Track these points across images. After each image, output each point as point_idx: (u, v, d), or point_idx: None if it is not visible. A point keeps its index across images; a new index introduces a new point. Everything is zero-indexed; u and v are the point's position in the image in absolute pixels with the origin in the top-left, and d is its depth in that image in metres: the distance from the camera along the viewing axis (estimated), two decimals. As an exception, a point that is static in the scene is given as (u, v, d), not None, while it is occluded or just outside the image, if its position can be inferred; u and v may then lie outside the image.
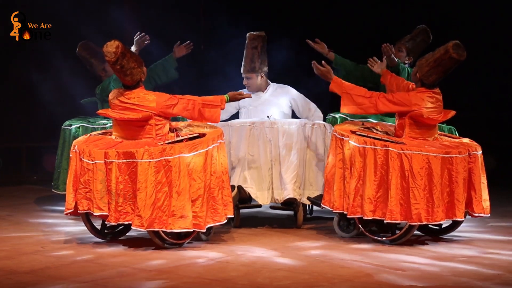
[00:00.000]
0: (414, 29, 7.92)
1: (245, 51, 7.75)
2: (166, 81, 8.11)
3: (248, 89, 7.75)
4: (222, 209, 6.28)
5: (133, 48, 7.72)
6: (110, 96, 6.42)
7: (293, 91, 7.82)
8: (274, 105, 7.72)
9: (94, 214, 6.13)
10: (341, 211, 6.49)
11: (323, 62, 6.85)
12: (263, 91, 7.79)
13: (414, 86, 6.60)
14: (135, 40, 7.82)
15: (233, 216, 6.49)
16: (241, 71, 7.77)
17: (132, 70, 6.28)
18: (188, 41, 8.09)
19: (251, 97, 7.25)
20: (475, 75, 10.12)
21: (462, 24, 10.14)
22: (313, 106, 7.80)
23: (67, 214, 6.29)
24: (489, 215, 6.53)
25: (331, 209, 6.57)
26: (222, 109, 6.62)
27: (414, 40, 7.83)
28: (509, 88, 10.50)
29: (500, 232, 6.99)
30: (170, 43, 8.20)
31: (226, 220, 6.34)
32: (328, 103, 7.94)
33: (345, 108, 6.67)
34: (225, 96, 6.67)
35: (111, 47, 6.20)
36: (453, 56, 6.34)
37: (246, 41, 7.75)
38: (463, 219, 6.46)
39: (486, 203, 6.48)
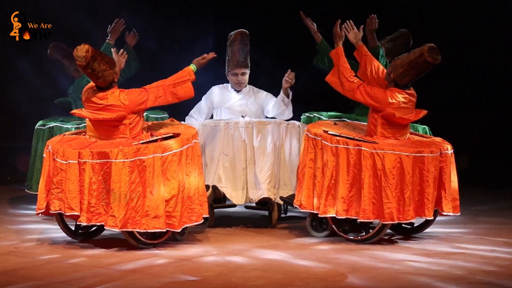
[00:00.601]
0: (396, 32, 7.94)
1: (237, 47, 7.59)
2: (131, 74, 8.09)
3: (237, 86, 7.66)
4: (198, 208, 6.29)
5: (109, 38, 7.75)
6: (83, 95, 6.40)
7: (264, 94, 7.80)
8: (249, 105, 7.70)
9: (66, 214, 6.12)
10: (309, 211, 6.53)
11: (344, 25, 6.78)
12: (239, 91, 7.76)
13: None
14: (109, 31, 7.85)
15: (208, 215, 6.50)
16: (233, 66, 7.60)
17: (104, 73, 6.25)
18: (133, 29, 8.11)
19: (216, 56, 7.06)
20: (448, 75, 10.21)
21: (439, 24, 10.23)
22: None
23: (38, 214, 6.28)
24: (459, 214, 6.59)
25: (299, 208, 6.60)
26: (193, 80, 6.60)
27: (394, 42, 7.85)
28: (481, 88, 10.60)
29: (472, 232, 7.03)
30: (145, 44, 8.19)
31: (202, 220, 6.35)
32: (302, 102, 7.96)
33: (330, 78, 6.71)
34: (191, 66, 6.67)
35: (81, 51, 6.18)
36: (427, 59, 6.36)
37: (238, 38, 7.60)
38: (432, 217, 6.50)
39: (456, 202, 6.54)
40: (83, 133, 6.55)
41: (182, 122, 6.92)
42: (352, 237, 6.51)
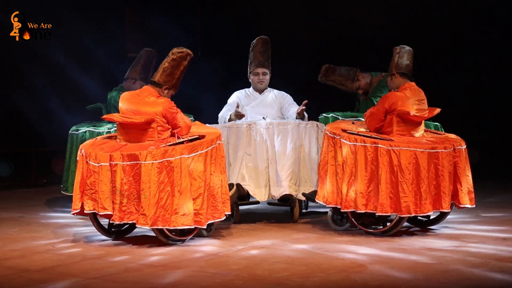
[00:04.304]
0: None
1: (259, 49, 7.61)
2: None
3: (258, 85, 7.67)
4: (221, 206, 6.28)
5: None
6: (123, 95, 6.43)
7: (288, 98, 7.76)
8: (270, 105, 7.68)
9: (99, 213, 6.12)
10: (334, 206, 6.49)
11: None
12: (261, 92, 7.74)
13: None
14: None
15: (230, 212, 6.47)
16: (255, 66, 7.64)
17: (169, 78, 6.37)
18: None
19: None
20: (458, 72, 10.15)
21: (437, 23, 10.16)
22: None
23: (73, 214, 6.28)
24: (474, 206, 6.54)
25: (324, 204, 6.57)
26: None
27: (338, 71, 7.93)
28: (490, 85, 10.51)
29: (485, 222, 7.00)
30: (169, 47, 8.17)
31: (225, 217, 6.33)
32: (320, 104, 7.94)
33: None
34: None
35: (185, 49, 6.44)
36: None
37: (261, 42, 7.63)
38: (450, 210, 6.47)
39: (471, 195, 6.48)
40: (114, 137, 6.55)
41: (207, 125, 6.90)
42: (370, 230, 6.47)
